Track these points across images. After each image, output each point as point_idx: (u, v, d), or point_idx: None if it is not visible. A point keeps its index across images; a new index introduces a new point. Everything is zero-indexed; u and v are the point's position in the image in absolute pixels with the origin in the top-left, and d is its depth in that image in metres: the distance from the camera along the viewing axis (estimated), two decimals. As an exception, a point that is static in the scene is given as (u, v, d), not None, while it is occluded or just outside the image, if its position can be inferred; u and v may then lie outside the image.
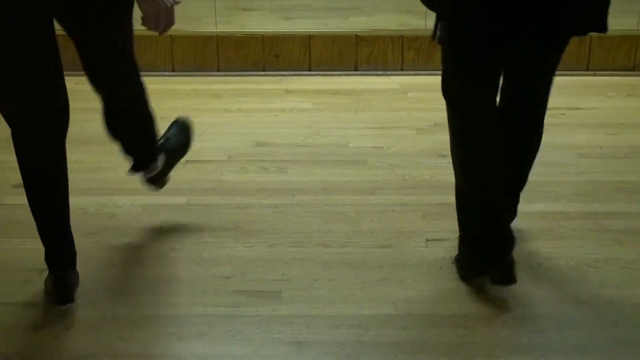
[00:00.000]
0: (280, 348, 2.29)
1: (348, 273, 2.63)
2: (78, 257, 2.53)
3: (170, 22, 2.25)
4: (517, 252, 2.68)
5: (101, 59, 2.39)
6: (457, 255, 2.62)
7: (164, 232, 2.87)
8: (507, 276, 2.46)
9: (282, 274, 2.62)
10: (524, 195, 2.81)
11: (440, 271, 2.63)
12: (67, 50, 2.34)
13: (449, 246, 2.74)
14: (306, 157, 3.43)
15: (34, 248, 2.52)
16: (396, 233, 2.86)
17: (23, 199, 2.40)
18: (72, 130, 2.34)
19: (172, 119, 3.82)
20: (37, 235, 2.43)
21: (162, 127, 2.87)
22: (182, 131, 2.97)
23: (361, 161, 3.39)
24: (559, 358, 2.24)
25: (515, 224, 2.69)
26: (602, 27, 2.32)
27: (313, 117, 3.85)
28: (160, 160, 2.80)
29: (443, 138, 3.55)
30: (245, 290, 2.54)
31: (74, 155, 3.34)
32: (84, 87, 2.50)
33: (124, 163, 3.38)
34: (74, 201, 3.01)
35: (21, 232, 2.77)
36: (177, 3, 2.23)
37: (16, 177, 2.43)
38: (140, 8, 2.22)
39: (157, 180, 2.86)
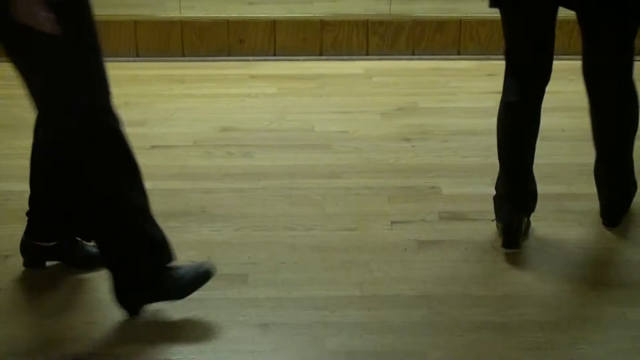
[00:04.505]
0: (247, 330, 2.30)
1: (314, 256, 2.65)
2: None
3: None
4: (480, 234, 2.74)
5: None
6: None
7: (129, 217, 2.86)
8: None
9: (249, 258, 2.63)
10: (489, 177, 2.86)
11: (405, 253, 2.66)
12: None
13: (414, 228, 2.77)
14: (272, 142, 3.44)
15: None
16: (361, 216, 2.88)
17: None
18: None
19: (136, 105, 3.83)
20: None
21: (126, 113, 2.82)
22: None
23: (326, 145, 3.41)
24: (522, 336, 2.28)
25: (479, 205, 2.74)
26: None
27: (278, 102, 3.86)
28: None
29: (407, 122, 3.62)
30: (212, 274, 2.55)
31: (23, 141, 3.35)
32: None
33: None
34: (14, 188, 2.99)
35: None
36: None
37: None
38: None
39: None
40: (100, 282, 2.50)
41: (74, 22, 2.03)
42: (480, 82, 4.10)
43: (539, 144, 2.70)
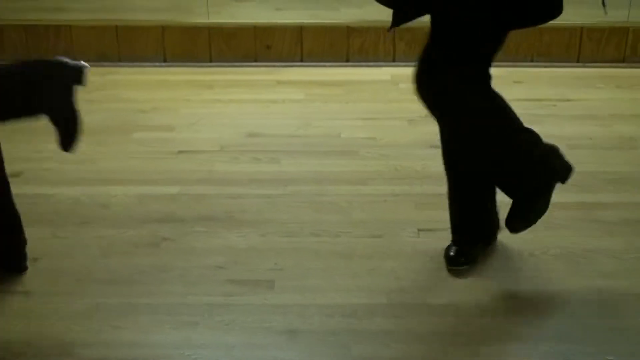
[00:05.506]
0: (273, 337, 2.30)
1: (340, 263, 2.65)
2: (71, 247, 2.55)
3: None
4: (509, 242, 2.72)
5: None
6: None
7: (156, 221, 2.88)
8: None
9: (275, 264, 2.64)
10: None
11: (431, 261, 2.65)
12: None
13: (441, 236, 2.75)
14: (298, 148, 3.44)
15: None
16: (388, 223, 2.87)
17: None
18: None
19: (163, 110, 3.86)
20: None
21: (153, 118, 2.87)
22: None
23: (353, 152, 3.40)
24: (549, 346, 2.26)
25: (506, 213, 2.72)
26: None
27: (305, 108, 3.86)
28: None
29: (434, 129, 3.58)
30: (238, 280, 2.55)
31: (49, 144, 3.38)
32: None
33: (117, 153, 3.40)
34: (66, 191, 3.06)
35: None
36: None
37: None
38: None
39: None
40: (128, 286, 2.51)
41: None
42: (508, 89, 4.01)
43: (567, 152, 2.68)
